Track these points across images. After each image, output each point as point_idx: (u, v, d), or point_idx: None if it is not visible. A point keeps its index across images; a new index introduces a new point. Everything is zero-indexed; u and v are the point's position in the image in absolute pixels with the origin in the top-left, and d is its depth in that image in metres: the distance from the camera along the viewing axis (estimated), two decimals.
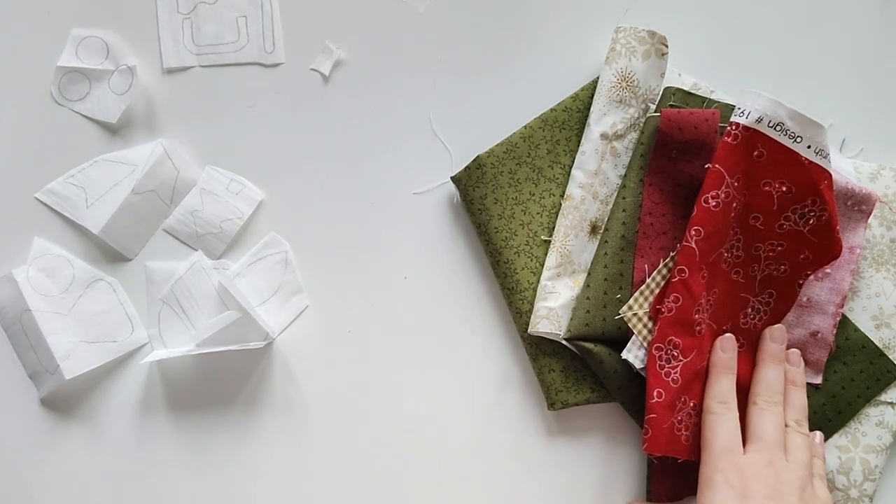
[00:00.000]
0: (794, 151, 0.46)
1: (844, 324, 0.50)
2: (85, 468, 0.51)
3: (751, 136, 0.46)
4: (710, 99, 0.51)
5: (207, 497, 0.51)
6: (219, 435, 0.52)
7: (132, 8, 0.53)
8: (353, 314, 0.52)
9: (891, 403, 0.50)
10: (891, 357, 0.50)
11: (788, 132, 0.46)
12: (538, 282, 0.50)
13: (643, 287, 0.48)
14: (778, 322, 0.50)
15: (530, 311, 0.50)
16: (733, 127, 0.46)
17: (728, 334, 0.49)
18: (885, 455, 0.49)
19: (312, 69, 0.53)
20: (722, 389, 0.47)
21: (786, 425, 0.47)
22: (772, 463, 0.44)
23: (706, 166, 0.47)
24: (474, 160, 0.50)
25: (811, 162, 0.46)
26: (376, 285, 0.52)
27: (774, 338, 0.49)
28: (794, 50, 0.54)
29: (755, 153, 0.46)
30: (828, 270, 0.49)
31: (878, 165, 0.51)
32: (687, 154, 0.49)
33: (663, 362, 0.47)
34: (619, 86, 0.50)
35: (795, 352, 0.49)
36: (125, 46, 0.53)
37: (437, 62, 0.53)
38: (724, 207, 0.46)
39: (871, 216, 0.50)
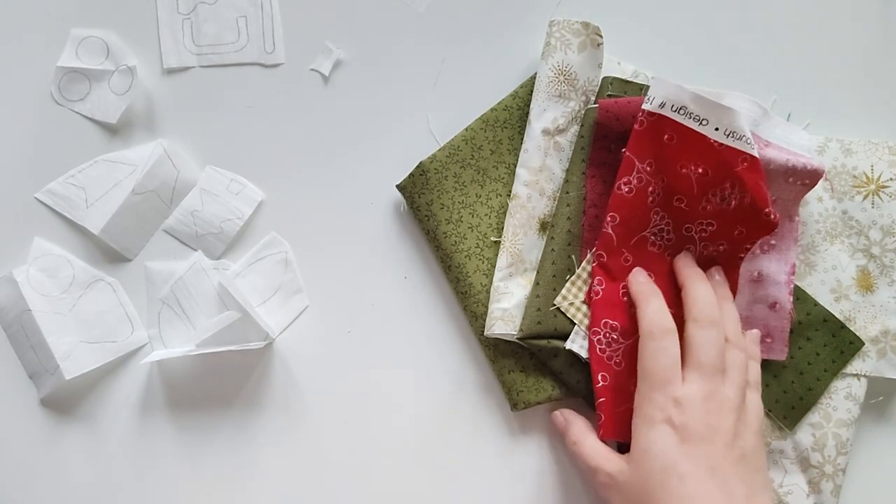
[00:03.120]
0: (701, 134, 0.46)
1: (804, 299, 0.50)
2: (85, 468, 0.51)
3: (657, 120, 0.47)
4: (647, 86, 0.51)
5: (207, 497, 0.51)
6: (219, 435, 0.52)
7: (132, 8, 0.53)
8: (353, 314, 0.52)
9: (856, 375, 0.50)
10: (852, 329, 0.50)
11: (692, 115, 0.46)
12: (491, 284, 0.50)
13: (574, 277, 0.49)
14: (733, 299, 0.49)
15: (485, 313, 0.49)
16: (641, 114, 0.47)
17: (636, 268, 0.49)
18: (854, 427, 0.50)
19: (312, 69, 0.53)
20: (653, 310, 0.45)
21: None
22: (712, 395, 0.43)
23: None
24: (417, 167, 0.50)
25: (721, 144, 0.46)
26: (376, 285, 0.52)
27: (684, 262, 0.48)
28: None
29: (665, 137, 0.47)
30: (773, 242, 0.50)
31: (824, 138, 0.52)
32: (626, 143, 0.49)
33: (604, 346, 0.47)
34: (557, 80, 0.50)
35: (718, 268, 0.49)
36: (125, 46, 0.53)
37: (437, 63, 0.53)
38: (637, 193, 0.47)
39: (822, 189, 0.51)
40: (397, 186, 0.51)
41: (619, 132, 0.49)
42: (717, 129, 0.46)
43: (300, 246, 0.53)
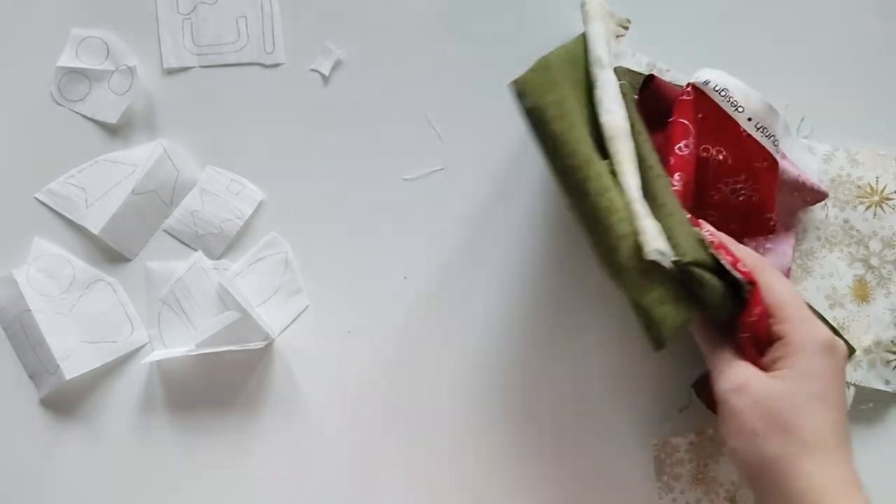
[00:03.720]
0: (733, 120, 0.46)
1: None
2: (85, 468, 0.51)
3: (698, 97, 0.46)
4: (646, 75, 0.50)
5: (207, 497, 0.51)
6: (219, 435, 0.52)
7: (132, 8, 0.53)
8: (353, 314, 0.52)
9: (847, 384, 0.50)
10: (845, 336, 0.50)
11: (731, 100, 0.46)
12: (625, 202, 0.41)
13: (678, 217, 0.43)
14: None
15: (632, 233, 0.40)
16: (686, 87, 0.47)
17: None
18: None
19: (312, 69, 0.53)
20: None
21: None
22: None
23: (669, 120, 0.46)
24: (541, 61, 0.42)
25: (749, 135, 0.46)
26: (376, 285, 0.52)
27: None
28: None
29: (699, 115, 0.47)
30: (768, 245, 0.50)
31: (831, 147, 0.52)
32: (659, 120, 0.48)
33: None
34: (605, 37, 0.46)
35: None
36: (125, 46, 0.53)
37: (437, 62, 0.53)
38: (688, 156, 0.46)
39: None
40: (514, 83, 0.41)
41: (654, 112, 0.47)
42: (749, 118, 0.46)
43: (300, 246, 0.53)
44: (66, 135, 0.52)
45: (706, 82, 0.46)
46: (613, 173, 0.42)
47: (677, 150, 0.46)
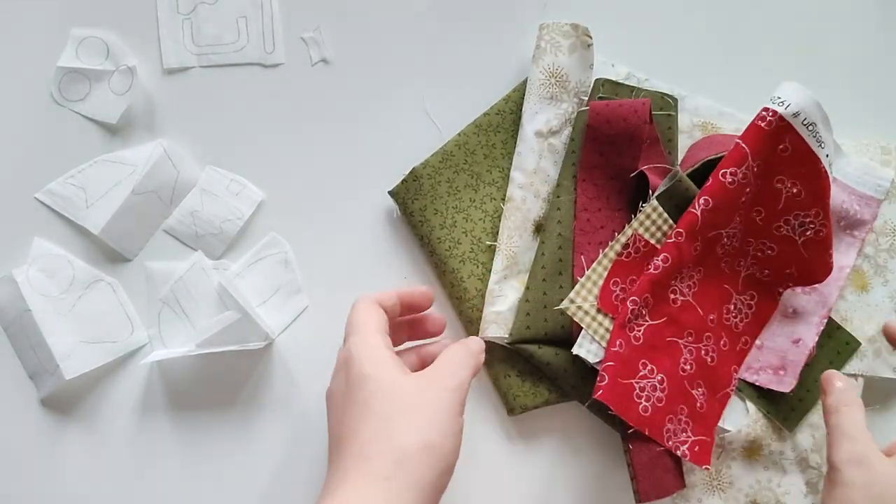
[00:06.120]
0: (816, 157, 0.45)
1: None
2: (85, 468, 0.51)
3: (783, 128, 0.45)
4: (639, 88, 0.51)
5: (207, 497, 0.51)
6: (219, 435, 0.52)
7: (132, 8, 0.53)
8: None
9: (854, 375, 0.50)
10: (848, 329, 0.50)
11: (817, 136, 0.45)
12: (485, 288, 0.49)
13: (584, 279, 0.47)
14: (761, 326, 0.50)
15: (479, 318, 0.49)
16: (769, 113, 0.44)
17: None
18: None
19: (312, 69, 0.53)
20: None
21: None
22: None
23: (736, 141, 0.45)
24: (410, 173, 0.50)
25: (826, 172, 0.46)
26: (376, 285, 0.52)
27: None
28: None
29: (781, 146, 0.45)
30: (816, 286, 0.50)
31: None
32: (617, 146, 0.48)
33: (632, 317, 0.46)
34: (548, 82, 0.50)
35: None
36: (125, 46, 0.53)
37: (437, 63, 0.53)
38: (738, 187, 0.45)
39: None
40: (390, 193, 0.51)
41: (609, 135, 0.48)
42: (827, 155, 0.46)
43: (300, 246, 0.53)
44: (66, 135, 0.52)
45: (796, 114, 0.44)
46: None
47: (720, 176, 0.45)
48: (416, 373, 0.42)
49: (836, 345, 0.50)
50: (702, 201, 0.45)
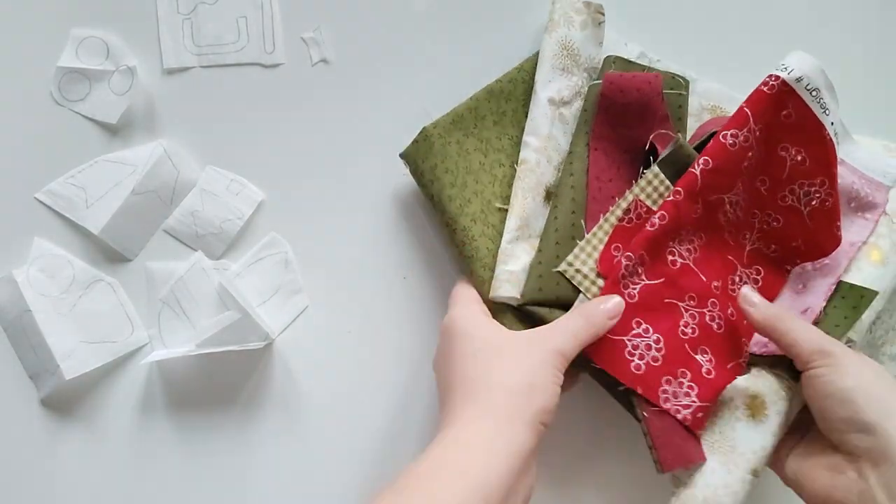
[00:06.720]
0: (820, 123, 0.45)
1: None
2: (85, 468, 0.51)
3: (786, 93, 0.45)
4: (650, 67, 0.51)
5: (207, 496, 0.51)
6: (219, 435, 0.52)
7: (132, 8, 0.53)
8: (353, 314, 0.52)
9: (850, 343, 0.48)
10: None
11: (821, 101, 0.45)
12: (496, 248, 0.49)
13: (583, 243, 0.47)
14: (771, 300, 0.49)
15: (491, 277, 0.48)
16: (772, 79, 0.45)
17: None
18: None
19: (312, 69, 0.53)
20: None
21: None
22: None
23: (741, 107, 0.45)
24: (421, 132, 0.49)
25: (831, 140, 0.45)
26: (376, 285, 0.52)
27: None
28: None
29: (784, 112, 0.45)
30: (826, 262, 0.49)
31: None
32: (629, 119, 0.49)
33: (627, 273, 0.46)
34: (561, 54, 0.50)
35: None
36: (125, 47, 0.53)
37: (437, 63, 0.53)
38: (739, 150, 0.45)
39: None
40: (401, 155, 0.50)
41: (622, 105, 0.48)
42: (832, 123, 0.45)
43: (300, 246, 0.53)
44: (66, 135, 0.52)
45: (799, 79, 0.44)
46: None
47: (720, 137, 0.45)
48: (522, 331, 0.45)
49: (850, 301, 0.48)
50: (702, 161, 0.45)
